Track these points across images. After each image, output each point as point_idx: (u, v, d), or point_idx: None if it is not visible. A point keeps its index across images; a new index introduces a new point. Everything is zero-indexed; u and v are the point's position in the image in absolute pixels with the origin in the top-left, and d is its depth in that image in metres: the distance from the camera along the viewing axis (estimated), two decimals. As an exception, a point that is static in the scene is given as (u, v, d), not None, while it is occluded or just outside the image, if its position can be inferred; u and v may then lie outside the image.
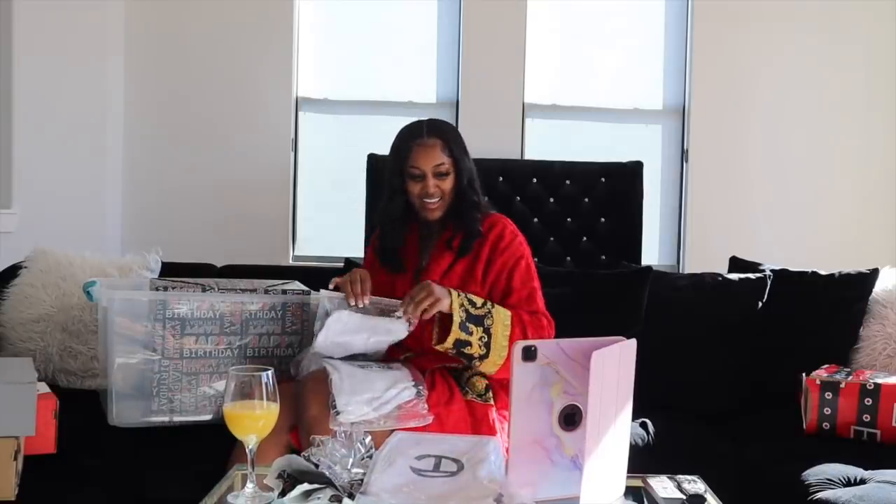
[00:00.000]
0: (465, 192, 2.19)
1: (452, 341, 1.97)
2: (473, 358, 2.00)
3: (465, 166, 2.19)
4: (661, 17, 4.04)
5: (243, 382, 1.48)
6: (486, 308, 2.02)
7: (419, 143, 2.16)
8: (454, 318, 1.96)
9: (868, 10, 3.97)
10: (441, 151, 2.15)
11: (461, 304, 1.98)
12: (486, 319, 2.00)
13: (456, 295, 2.00)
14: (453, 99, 3.96)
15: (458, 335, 1.96)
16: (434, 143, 2.16)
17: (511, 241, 2.17)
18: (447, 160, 2.16)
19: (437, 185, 2.15)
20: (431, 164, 2.14)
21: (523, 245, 2.19)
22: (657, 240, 4.05)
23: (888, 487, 1.91)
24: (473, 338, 1.97)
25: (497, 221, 2.21)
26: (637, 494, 1.56)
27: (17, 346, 2.50)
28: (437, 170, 2.15)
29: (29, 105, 3.24)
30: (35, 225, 3.21)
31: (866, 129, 3.99)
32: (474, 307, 2.00)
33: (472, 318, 1.98)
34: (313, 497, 1.44)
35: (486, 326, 1.99)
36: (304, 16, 3.96)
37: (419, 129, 2.19)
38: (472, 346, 1.98)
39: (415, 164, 2.15)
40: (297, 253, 3.97)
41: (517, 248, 2.17)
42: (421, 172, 2.15)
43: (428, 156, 2.15)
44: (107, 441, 2.08)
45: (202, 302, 2.13)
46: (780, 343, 2.63)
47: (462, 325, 1.96)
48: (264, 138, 3.89)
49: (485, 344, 1.98)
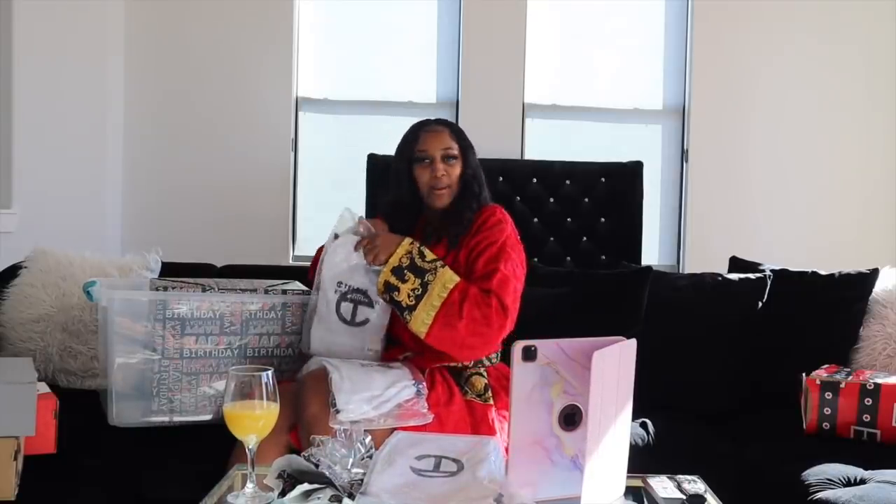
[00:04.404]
0: (470, 183, 2.20)
1: (382, 282, 2.03)
2: (403, 308, 2.02)
3: (471, 158, 2.23)
4: (661, 17, 4.04)
5: (243, 382, 1.48)
6: (435, 265, 2.05)
7: (427, 129, 2.21)
8: (391, 260, 2.04)
9: (868, 10, 3.97)
10: (449, 137, 2.20)
11: (408, 252, 2.05)
12: (429, 275, 2.03)
13: (408, 243, 2.07)
14: (453, 99, 3.96)
15: (387, 277, 2.03)
16: (442, 129, 2.21)
17: (493, 226, 2.15)
18: (455, 145, 2.19)
19: (446, 170, 2.17)
20: (440, 146, 2.17)
21: (504, 232, 2.14)
22: (657, 240, 4.05)
23: (888, 487, 1.91)
24: (405, 286, 2.02)
25: (487, 210, 2.20)
26: (637, 494, 1.56)
27: (17, 346, 2.50)
28: (446, 153, 2.17)
29: (29, 105, 3.24)
30: (35, 225, 3.21)
31: (866, 129, 3.99)
32: (422, 259, 2.05)
33: (414, 267, 2.03)
34: (313, 497, 1.44)
35: (424, 280, 2.02)
36: (304, 16, 3.96)
37: (426, 121, 2.26)
38: (400, 293, 2.02)
39: (423, 148, 2.18)
40: (297, 253, 3.97)
41: (495, 234, 2.13)
42: (430, 156, 2.17)
43: (436, 139, 2.19)
44: (107, 441, 2.08)
45: (202, 302, 2.13)
46: (780, 343, 2.63)
47: (396, 270, 2.03)
48: (264, 138, 3.89)
49: (416, 296, 2.01)
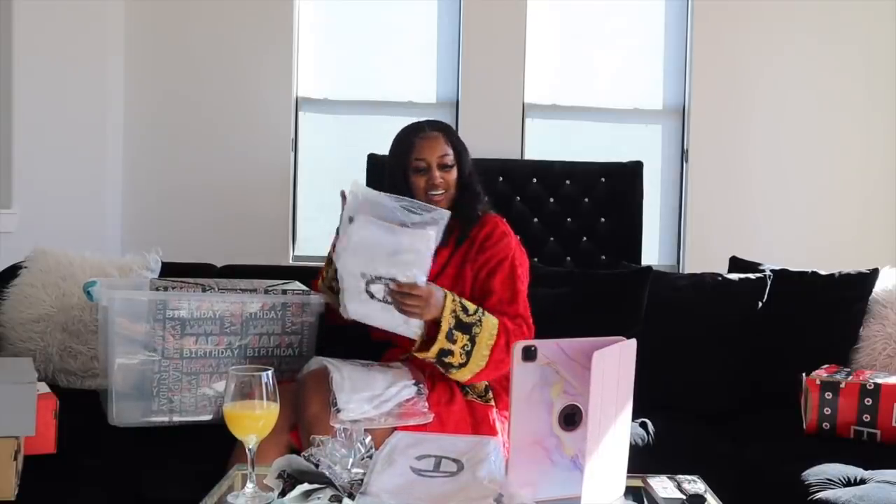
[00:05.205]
0: (468, 185, 2.19)
1: (437, 350, 1.93)
2: (451, 366, 1.96)
3: (466, 160, 2.20)
4: (661, 17, 4.04)
5: (243, 382, 1.48)
6: (477, 315, 1.96)
7: (422, 136, 2.17)
8: (442, 326, 1.91)
9: (868, 10, 3.97)
10: (444, 143, 2.17)
11: (453, 311, 1.93)
12: (475, 327, 1.95)
13: (451, 300, 1.94)
14: (453, 99, 3.96)
15: (443, 345, 1.92)
16: (437, 135, 2.17)
17: (498, 241, 2.12)
18: (451, 152, 2.16)
19: (442, 177, 2.14)
20: (436, 154, 2.14)
21: (510, 246, 2.13)
22: (657, 240, 4.05)
23: (888, 487, 1.91)
24: (457, 346, 1.93)
25: (489, 221, 2.18)
26: (637, 494, 1.56)
27: (17, 346, 2.50)
28: (442, 161, 2.14)
29: (29, 105, 3.24)
30: (35, 225, 3.21)
31: (866, 129, 3.99)
32: (466, 314, 1.95)
33: (460, 324, 1.93)
34: (313, 497, 1.44)
35: (472, 334, 1.94)
36: (304, 16, 3.96)
37: (419, 126, 2.21)
38: (453, 356, 1.94)
39: (420, 157, 2.14)
40: (297, 253, 3.97)
41: (503, 249, 2.11)
42: (426, 164, 2.14)
43: (432, 147, 2.15)
44: (107, 441, 2.08)
45: (202, 302, 2.13)
46: (780, 343, 2.63)
47: (449, 334, 1.92)
48: (264, 138, 3.89)
49: (466, 352, 1.94)
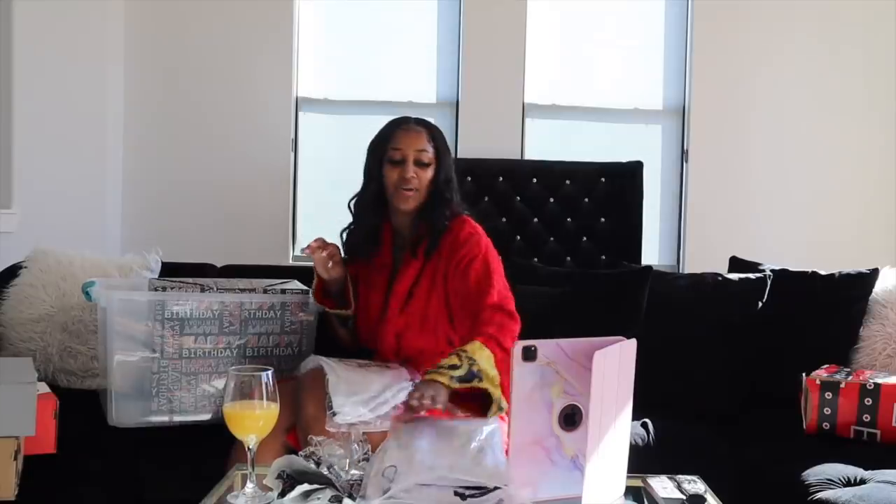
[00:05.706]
0: (441, 189, 2.13)
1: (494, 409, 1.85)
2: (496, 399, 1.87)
3: (446, 163, 2.15)
4: (661, 17, 4.04)
5: (243, 382, 1.48)
6: (472, 361, 1.84)
7: (405, 127, 2.15)
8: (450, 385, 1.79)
9: (868, 10, 3.97)
10: (426, 140, 2.13)
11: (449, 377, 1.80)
12: (476, 380, 1.84)
13: (446, 379, 1.79)
14: (453, 99, 3.95)
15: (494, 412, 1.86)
16: (420, 130, 2.15)
17: (466, 241, 2.08)
18: (431, 150, 2.12)
19: (416, 173, 2.10)
20: (414, 147, 2.10)
21: (480, 245, 2.08)
22: (657, 240, 4.05)
23: (888, 487, 1.91)
24: (485, 384, 1.85)
25: (457, 224, 2.12)
26: (637, 494, 1.56)
27: (17, 346, 2.50)
28: (419, 156, 2.10)
29: (29, 105, 3.23)
30: (35, 225, 3.20)
31: (866, 129, 3.99)
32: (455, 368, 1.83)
33: (464, 379, 1.82)
34: (313, 497, 1.44)
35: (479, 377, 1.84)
36: (304, 16, 3.95)
37: (405, 118, 2.19)
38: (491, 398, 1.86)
39: (397, 146, 2.11)
40: (297, 253, 3.97)
41: (472, 248, 2.06)
42: (402, 156, 2.10)
43: (412, 140, 2.12)
44: (107, 441, 2.08)
45: (201, 302, 2.13)
46: (780, 343, 2.63)
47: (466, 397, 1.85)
48: (264, 138, 3.89)
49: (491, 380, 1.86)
